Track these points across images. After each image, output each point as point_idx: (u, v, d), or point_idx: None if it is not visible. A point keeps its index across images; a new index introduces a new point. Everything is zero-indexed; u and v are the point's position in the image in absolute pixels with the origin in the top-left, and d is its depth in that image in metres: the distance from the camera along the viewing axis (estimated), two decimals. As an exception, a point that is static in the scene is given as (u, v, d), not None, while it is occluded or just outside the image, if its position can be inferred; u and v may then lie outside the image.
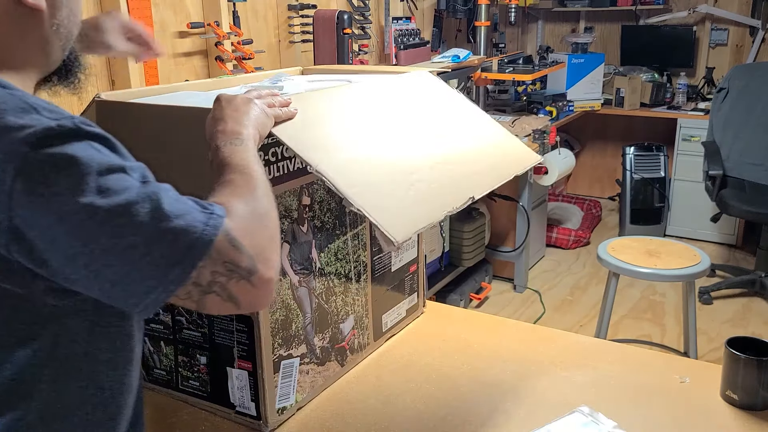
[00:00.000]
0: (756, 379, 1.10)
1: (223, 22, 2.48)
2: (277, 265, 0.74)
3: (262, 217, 0.76)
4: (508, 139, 1.25)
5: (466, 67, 3.51)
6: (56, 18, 0.78)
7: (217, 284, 0.70)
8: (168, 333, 1.15)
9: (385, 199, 0.91)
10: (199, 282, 0.69)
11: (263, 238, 0.74)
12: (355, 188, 0.89)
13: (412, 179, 0.99)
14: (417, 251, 1.42)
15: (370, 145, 1.03)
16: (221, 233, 0.69)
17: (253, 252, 0.71)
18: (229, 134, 0.85)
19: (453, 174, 1.06)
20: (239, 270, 0.70)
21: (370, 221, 0.86)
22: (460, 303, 3.40)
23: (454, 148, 1.15)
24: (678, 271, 2.40)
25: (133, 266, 0.66)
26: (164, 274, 0.67)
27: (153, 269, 0.67)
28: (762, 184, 3.58)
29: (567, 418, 1.08)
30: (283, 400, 1.10)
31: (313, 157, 0.91)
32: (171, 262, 0.67)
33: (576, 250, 4.31)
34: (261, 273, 0.71)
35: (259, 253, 0.72)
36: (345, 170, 0.92)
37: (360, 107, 1.11)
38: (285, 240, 1.06)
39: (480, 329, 1.40)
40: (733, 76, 3.78)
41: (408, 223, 0.90)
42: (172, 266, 0.67)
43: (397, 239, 0.85)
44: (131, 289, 0.68)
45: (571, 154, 3.98)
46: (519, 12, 4.38)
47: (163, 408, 1.16)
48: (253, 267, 0.71)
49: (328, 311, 1.18)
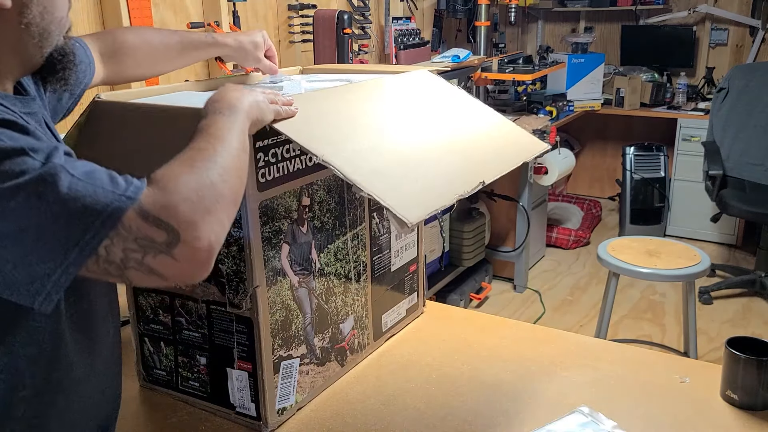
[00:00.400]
0: (756, 379, 1.10)
1: (223, 22, 2.48)
2: (215, 237, 0.71)
3: (207, 187, 0.72)
4: (515, 129, 1.25)
5: (466, 67, 3.51)
6: (25, 16, 0.77)
7: (131, 260, 0.68)
8: (168, 333, 1.15)
9: (394, 184, 0.91)
10: (111, 259, 0.67)
11: (198, 210, 0.70)
12: (363, 176, 0.88)
13: (422, 167, 0.99)
14: (417, 251, 1.42)
15: (375, 137, 1.02)
16: (131, 210, 0.67)
17: (177, 224, 0.68)
18: (219, 105, 0.85)
19: (462, 161, 1.06)
20: (156, 245, 0.68)
21: (382, 205, 0.85)
22: (460, 303, 3.40)
23: (461, 138, 1.14)
24: (678, 271, 2.40)
25: (28, 249, 0.65)
26: (62, 256, 0.66)
27: (49, 252, 0.65)
28: (762, 184, 3.58)
29: (567, 418, 1.08)
30: (283, 401, 1.10)
31: (319, 148, 0.90)
32: (67, 244, 0.65)
33: (576, 250, 4.31)
34: (187, 246, 0.68)
35: (189, 225, 0.69)
36: (352, 159, 0.92)
37: (363, 104, 1.11)
38: (285, 241, 1.06)
39: (480, 329, 1.40)
40: (733, 76, 3.78)
41: (420, 204, 0.89)
42: (69, 248, 0.66)
43: (411, 221, 0.84)
44: (31, 273, 0.66)
45: (571, 154, 3.98)
46: (519, 12, 4.38)
47: (163, 408, 1.16)
48: (175, 240, 0.68)
49: (327, 311, 1.18)
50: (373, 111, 1.10)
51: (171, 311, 1.13)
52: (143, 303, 1.15)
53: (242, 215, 0.99)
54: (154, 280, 0.70)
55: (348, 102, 1.09)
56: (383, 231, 1.29)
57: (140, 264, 0.69)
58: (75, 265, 0.67)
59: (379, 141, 1.01)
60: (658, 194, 4.36)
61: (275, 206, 1.03)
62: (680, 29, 4.69)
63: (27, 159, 0.66)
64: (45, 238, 0.65)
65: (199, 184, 0.72)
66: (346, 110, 1.06)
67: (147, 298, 1.15)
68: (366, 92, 1.16)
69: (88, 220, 0.66)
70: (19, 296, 0.67)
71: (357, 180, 0.87)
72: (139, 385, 1.22)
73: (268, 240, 1.03)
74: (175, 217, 0.68)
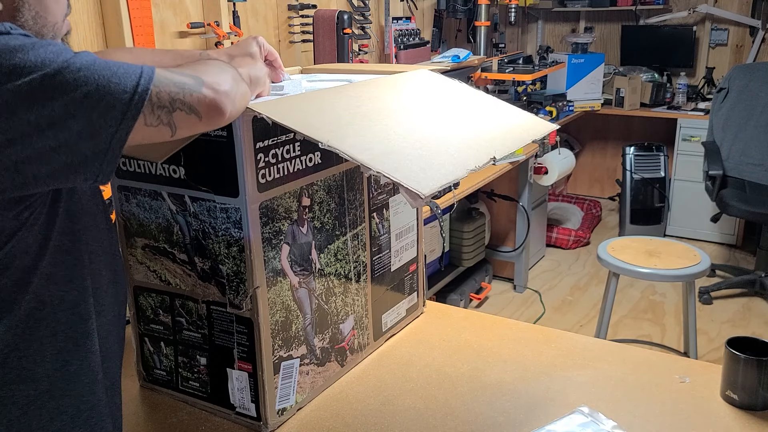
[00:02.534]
0: (756, 379, 1.10)
1: (223, 22, 2.48)
2: (227, 85, 0.82)
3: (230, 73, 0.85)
4: (521, 113, 1.24)
5: (466, 67, 3.52)
6: (17, 20, 0.78)
7: (177, 101, 0.76)
8: (168, 334, 1.15)
9: (403, 163, 0.90)
10: (162, 104, 0.75)
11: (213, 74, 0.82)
12: (372, 156, 0.88)
13: (431, 147, 0.97)
14: (417, 250, 1.42)
15: (380, 125, 1.01)
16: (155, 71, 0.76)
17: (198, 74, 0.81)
18: (216, 55, 0.92)
19: (472, 140, 1.05)
20: (187, 85, 0.78)
21: (393, 181, 0.84)
22: (460, 303, 3.40)
23: (469, 121, 1.14)
24: (678, 271, 2.40)
25: (90, 113, 0.70)
26: (125, 107, 0.71)
27: (109, 108, 0.71)
28: (762, 184, 3.58)
29: (567, 418, 1.08)
30: (283, 401, 1.10)
31: (323, 135, 0.89)
32: (125, 95, 0.71)
33: (576, 250, 4.31)
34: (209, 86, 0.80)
35: (204, 79, 0.80)
36: (358, 143, 0.91)
37: (365, 98, 1.11)
38: (285, 241, 1.06)
39: (480, 329, 1.40)
40: (733, 76, 3.78)
41: (431, 178, 0.88)
42: (129, 99, 0.72)
43: (424, 192, 0.83)
44: (95, 134, 0.71)
45: (571, 154, 3.98)
46: (519, 12, 4.38)
47: (163, 408, 1.16)
48: (200, 81, 0.79)
49: (327, 312, 1.18)
50: (375, 103, 1.09)
51: (171, 311, 1.13)
52: (144, 303, 1.16)
53: (242, 216, 0.99)
54: (194, 120, 0.78)
55: (349, 97, 1.09)
56: (383, 231, 1.30)
57: (183, 104, 0.76)
58: (137, 110, 0.72)
59: (383, 128, 1.00)
60: (658, 194, 4.36)
61: (275, 207, 1.03)
62: (680, 29, 4.70)
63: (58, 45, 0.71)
64: (104, 96, 0.70)
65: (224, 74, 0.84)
66: (347, 104, 1.05)
67: (147, 299, 1.15)
68: (367, 88, 1.15)
69: (134, 74, 0.73)
70: (86, 169, 0.72)
71: (365, 160, 0.86)
72: (140, 384, 1.22)
73: (269, 241, 1.03)
74: (197, 76, 0.80)
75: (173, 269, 1.10)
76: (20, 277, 0.76)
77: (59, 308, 0.81)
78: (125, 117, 0.71)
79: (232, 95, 0.82)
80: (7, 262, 0.75)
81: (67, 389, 0.82)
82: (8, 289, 0.76)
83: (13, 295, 0.76)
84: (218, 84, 0.80)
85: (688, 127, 4.28)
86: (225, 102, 0.80)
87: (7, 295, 0.76)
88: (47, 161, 0.69)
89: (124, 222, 1.13)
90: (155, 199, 1.07)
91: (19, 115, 0.66)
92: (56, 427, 0.82)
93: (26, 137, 0.67)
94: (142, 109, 0.72)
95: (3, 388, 0.77)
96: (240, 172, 0.97)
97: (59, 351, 0.81)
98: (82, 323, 0.83)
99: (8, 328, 0.76)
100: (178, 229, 1.06)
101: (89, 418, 0.86)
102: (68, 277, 0.82)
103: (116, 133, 0.71)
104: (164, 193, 1.06)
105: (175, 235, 1.07)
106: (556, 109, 4.07)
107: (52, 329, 0.80)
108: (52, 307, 0.80)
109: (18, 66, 0.66)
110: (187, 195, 1.03)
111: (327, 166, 1.12)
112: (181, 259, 1.08)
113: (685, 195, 4.35)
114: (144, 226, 1.10)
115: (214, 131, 0.97)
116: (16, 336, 0.77)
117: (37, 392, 0.79)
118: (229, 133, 0.96)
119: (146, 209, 1.09)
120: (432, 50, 3.83)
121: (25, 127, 0.67)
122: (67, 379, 0.82)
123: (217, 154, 0.98)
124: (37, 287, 0.78)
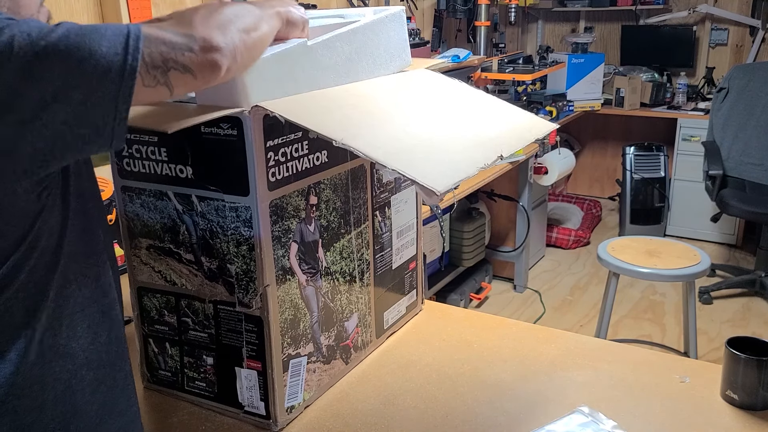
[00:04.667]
0: (756, 379, 1.10)
1: (225, 22, 2.48)
2: (223, 39, 0.78)
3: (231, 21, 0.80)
4: (521, 113, 1.26)
5: (466, 67, 3.52)
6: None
7: (170, 60, 0.74)
8: (173, 334, 1.15)
9: (416, 160, 0.91)
10: (155, 64, 0.73)
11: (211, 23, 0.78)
12: (385, 154, 0.89)
13: (439, 146, 0.99)
14: (416, 248, 1.43)
15: (389, 124, 1.03)
16: (143, 25, 0.75)
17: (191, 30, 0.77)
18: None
19: (479, 139, 1.07)
20: (179, 45, 0.75)
21: (408, 178, 0.86)
22: (460, 303, 3.41)
23: (473, 121, 1.15)
24: (678, 271, 2.41)
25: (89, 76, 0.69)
26: (121, 67, 0.70)
27: (104, 72, 0.70)
28: (762, 184, 3.59)
29: (567, 418, 1.09)
30: (291, 399, 1.11)
31: (338, 134, 0.90)
32: (117, 55, 0.70)
33: (576, 250, 4.32)
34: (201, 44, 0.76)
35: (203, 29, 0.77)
36: (370, 142, 0.92)
37: (371, 97, 1.11)
38: (293, 239, 1.07)
39: (480, 329, 1.40)
40: (733, 76, 3.79)
41: (444, 174, 0.89)
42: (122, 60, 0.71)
43: (439, 189, 0.85)
44: (98, 101, 0.70)
45: (571, 154, 3.99)
46: (519, 12, 4.39)
47: (163, 408, 1.16)
48: (191, 39, 0.76)
49: (333, 310, 1.19)
50: (381, 103, 1.10)
51: (176, 312, 1.14)
52: (148, 304, 1.16)
53: (253, 215, 1.00)
54: (189, 79, 0.76)
55: (356, 96, 1.09)
56: (385, 229, 1.31)
57: (176, 63, 0.74)
58: (133, 69, 0.71)
59: (392, 126, 1.01)
60: (658, 194, 4.37)
61: (284, 205, 1.04)
62: (680, 29, 4.70)
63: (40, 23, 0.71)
64: (98, 61, 0.69)
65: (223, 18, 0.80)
66: (355, 103, 1.06)
67: (152, 299, 1.15)
68: (372, 88, 1.16)
69: (122, 35, 0.71)
70: (99, 137, 0.72)
71: (379, 158, 0.87)
72: (143, 386, 1.22)
73: (278, 239, 1.04)
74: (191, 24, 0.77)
75: (179, 269, 1.10)
76: (49, 259, 0.78)
77: (83, 284, 0.83)
78: (123, 78, 0.71)
79: (231, 47, 0.79)
80: (35, 243, 0.76)
81: (101, 360, 0.85)
82: (40, 272, 0.77)
83: (45, 278, 0.78)
84: (211, 38, 0.77)
85: (688, 127, 4.29)
86: (219, 59, 0.77)
87: (39, 278, 0.77)
88: (61, 136, 0.69)
89: (128, 222, 1.13)
90: (160, 199, 1.08)
91: (23, 94, 0.66)
92: (100, 398, 0.85)
93: (36, 116, 0.67)
94: (137, 68, 0.71)
95: (44, 367, 0.79)
96: (251, 171, 0.98)
97: (89, 324, 0.84)
98: (104, 296, 0.86)
99: (43, 309, 0.78)
100: (185, 229, 1.07)
101: (125, 387, 0.89)
102: (87, 253, 0.84)
103: (119, 96, 0.71)
104: (170, 193, 1.06)
105: (182, 235, 1.08)
106: (556, 109, 4.07)
107: (80, 304, 0.82)
108: (77, 284, 0.82)
109: (7, 44, 0.66)
110: (194, 194, 1.04)
111: (333, 165, 1.13)
112: (188, 259, 1.09)
113: (685, 195, 4.36)
114: (148, 226, 1.11)
115: (223, 131, 0.97)
116: (49, 316, 0.79)
117: (75, 366, 0.82)
118: (239, 132, 0.97)
119: (151, 209, 1.10)
120: (432, 50, 3.83)
121: (33, 104, 0.67)
122: (100, 350, 0.85)
123: (227, 153, 0.98)
124: (63, 266, 0.80)
